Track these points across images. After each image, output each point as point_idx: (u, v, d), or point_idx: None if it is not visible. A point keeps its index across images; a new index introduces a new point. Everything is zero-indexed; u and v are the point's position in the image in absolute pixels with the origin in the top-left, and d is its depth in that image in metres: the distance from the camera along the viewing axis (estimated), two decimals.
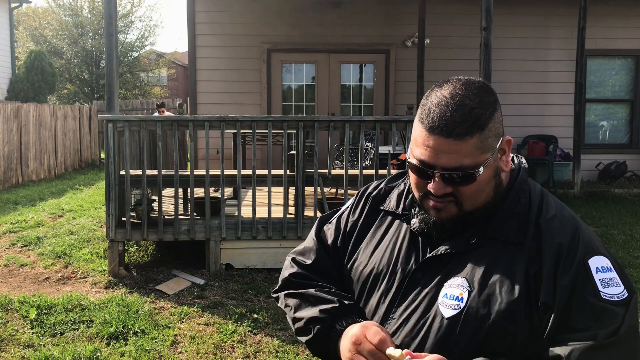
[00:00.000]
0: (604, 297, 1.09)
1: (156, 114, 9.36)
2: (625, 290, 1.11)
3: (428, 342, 1.14)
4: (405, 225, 1.29)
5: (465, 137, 1.12)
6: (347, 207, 1.44)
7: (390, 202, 1.35)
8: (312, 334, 1.26)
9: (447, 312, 1.13)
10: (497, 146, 1.16)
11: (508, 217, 1.19)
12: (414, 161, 1.18)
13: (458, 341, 1.12)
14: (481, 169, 1.14)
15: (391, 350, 1.08)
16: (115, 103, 5.28)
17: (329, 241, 1.40)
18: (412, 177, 1.22)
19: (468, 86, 1.16)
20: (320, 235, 1.43)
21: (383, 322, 1.21)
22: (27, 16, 25.72)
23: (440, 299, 1.15)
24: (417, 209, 1.28)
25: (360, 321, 1.20)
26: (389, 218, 1.34)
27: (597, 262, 1.13)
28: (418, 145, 1.17)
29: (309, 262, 1.38)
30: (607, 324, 1.07)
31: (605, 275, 1.11)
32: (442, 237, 1.22)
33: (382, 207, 1.36)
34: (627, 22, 10.01)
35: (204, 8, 9.76)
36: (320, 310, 1.25)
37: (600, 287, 1.10)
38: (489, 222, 1.19)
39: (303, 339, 1.30)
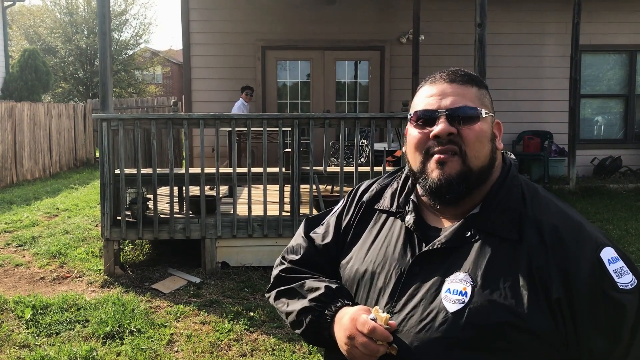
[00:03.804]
0: (622, 287, 1.10)
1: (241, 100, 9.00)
2: (634, 278, 1.13)
3: (432, 337, 1.12)
4: (399, 223, 1.30)
5: (466, 84, 1.24)
6: (339, 208, 1.46)
7: (385, 201, 1.36)
8: (305, 324, 1.29)
9: (452, 307, 1.12)
10: (492, 113, 1.25)
11: (501, 211, 1.19)
12: (419, 112, 1.24)
13: (463, 336, 1.10)
14: (483, 111, 1.21)
15: (376, 312, 1.16)
16: (109, 101, 5.26)
17: (321, 242, 1.42)
18: (411, 142, 1.24)
19: (465, 70, 1.30)
20: (309, 235, 1.45)
21: None
22: (21, 15, 25.62)
23: (443, 293, 1.15)
24: (411, 205, 1.29)
25: (349, 304, 1.24)
26: (384, 217, 1.35)
27: (607, 254, 1.13)
28: (419, 103, 1.25)
29: (298, 257, 1.42)
30: (630, 315, 1.10)
31: (617, 266, 1.12)
32: (450, 196, 1.20)
33: (376, 207, 1.38)
34: (621, 17, 10.03)
35: (198, 5, 9.73)
36: (310, 300, 1.29)
37: (615, 279, 1.11)
38: (481, 215, 1.20)
39: (297, 331, 1.34)
